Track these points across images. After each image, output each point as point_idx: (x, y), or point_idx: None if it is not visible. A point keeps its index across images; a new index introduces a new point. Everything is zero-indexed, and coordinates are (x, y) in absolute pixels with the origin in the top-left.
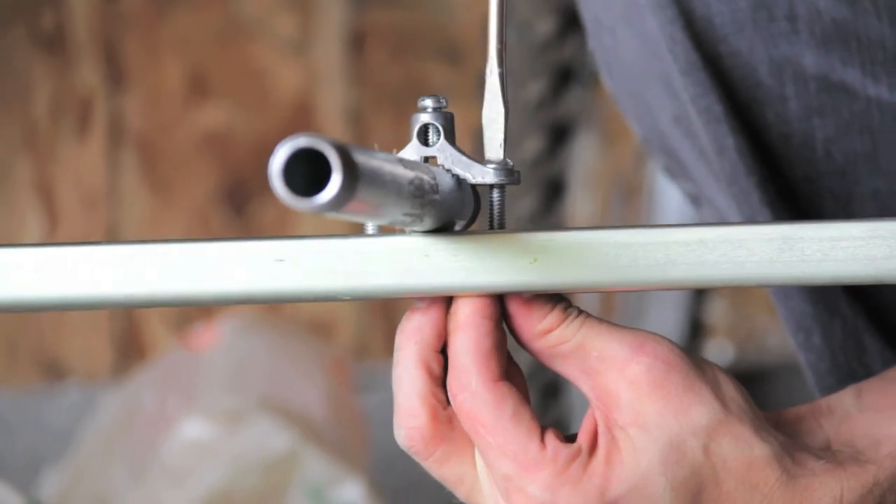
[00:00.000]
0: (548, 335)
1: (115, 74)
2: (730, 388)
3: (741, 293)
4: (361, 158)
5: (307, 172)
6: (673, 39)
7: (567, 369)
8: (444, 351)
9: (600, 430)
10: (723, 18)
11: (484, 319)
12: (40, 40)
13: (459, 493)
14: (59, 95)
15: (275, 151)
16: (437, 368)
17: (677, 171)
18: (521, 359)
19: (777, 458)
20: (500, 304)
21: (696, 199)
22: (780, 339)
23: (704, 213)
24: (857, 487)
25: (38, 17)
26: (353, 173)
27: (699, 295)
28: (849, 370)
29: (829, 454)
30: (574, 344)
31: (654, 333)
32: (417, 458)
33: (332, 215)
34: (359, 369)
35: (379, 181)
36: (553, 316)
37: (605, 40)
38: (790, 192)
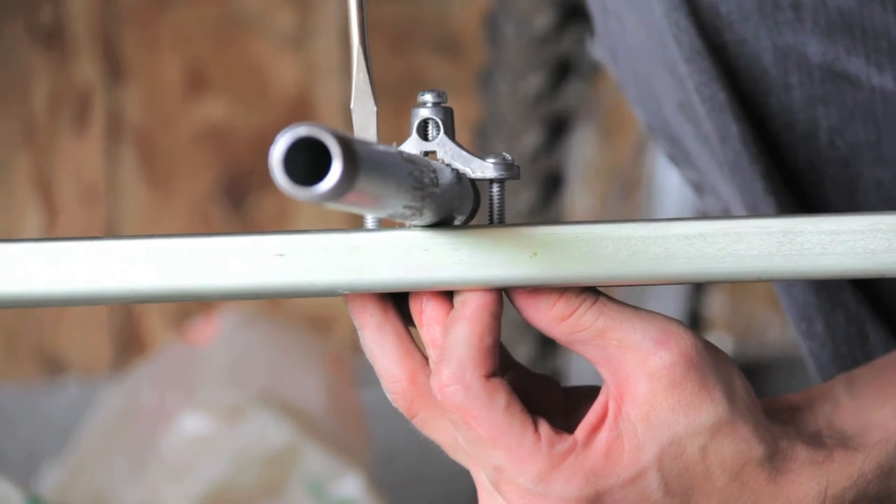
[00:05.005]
0: (562, 323)
1: (114, 69)
2: (739, 385)
3: (740, 286)
4: (362, 148)
5: (308, 162)
6: (678, 26)
7: (587, 354)
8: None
9: (608, 421)
10: (728, 7)
11: (490, 316)
12: (39, 35)
13: (447, 451)
14: (58, 90)
15: (275, 140)
16: (403, 331)
17: (681, 158)
18: (521, 353)
19: (769, 458)
20: (503, 300)
21: (699, 187)
22: (779, 332)
23: (708, 201)
24: (842, 480)
25: (36, 11)
26: (353, 162)
27: (698, 288)
28: (851, 359)
29: (820, 442)
30: (593, 332)
31: (677, 322)
32: (406, 416)
33: (332, 206)
34: (358, 364)
35: (379, 171)
36: (563, 304)
37: (612, 26)
38: (793, 181)
